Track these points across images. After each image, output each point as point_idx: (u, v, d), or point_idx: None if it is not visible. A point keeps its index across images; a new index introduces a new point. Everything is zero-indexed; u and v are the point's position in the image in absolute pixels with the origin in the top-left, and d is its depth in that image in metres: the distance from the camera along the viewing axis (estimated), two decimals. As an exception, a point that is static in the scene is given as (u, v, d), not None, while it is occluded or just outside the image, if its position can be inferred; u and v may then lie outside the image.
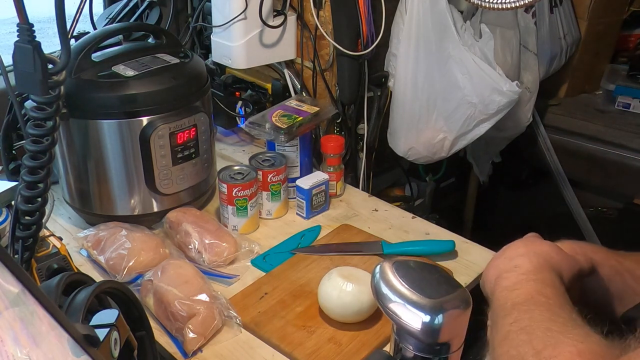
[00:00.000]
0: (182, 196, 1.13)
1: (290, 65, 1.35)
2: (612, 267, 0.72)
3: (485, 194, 1.96)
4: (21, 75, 0.77)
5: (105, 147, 1.04)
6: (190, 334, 0.85)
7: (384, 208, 1.24)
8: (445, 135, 1.31)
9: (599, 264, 0.72)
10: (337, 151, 1.23)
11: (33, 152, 0.77)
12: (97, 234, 1.04)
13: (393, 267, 0.49)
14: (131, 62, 1.07)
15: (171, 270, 0.93)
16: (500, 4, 0.87)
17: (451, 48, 1.22)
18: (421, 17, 1.20)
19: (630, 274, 0.72)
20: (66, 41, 0.77)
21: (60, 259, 0.83)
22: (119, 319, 0.54)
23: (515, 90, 1.22)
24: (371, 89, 1.31)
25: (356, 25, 1.22)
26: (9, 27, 1.87)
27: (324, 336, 0.88)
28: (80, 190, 1.11)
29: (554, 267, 0.65)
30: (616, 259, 0.73)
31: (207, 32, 1.39)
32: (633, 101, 1.69)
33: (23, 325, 0.38)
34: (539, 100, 1.52)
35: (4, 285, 0.37)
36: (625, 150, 1.60)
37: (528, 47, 1.43)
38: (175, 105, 1.05)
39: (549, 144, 1.72)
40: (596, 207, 1.76)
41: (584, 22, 1.66)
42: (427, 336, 0.46)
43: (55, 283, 0.56)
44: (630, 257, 0.75)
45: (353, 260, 1.04)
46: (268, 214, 1.19)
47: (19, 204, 0.77)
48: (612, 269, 0.72)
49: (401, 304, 0.46)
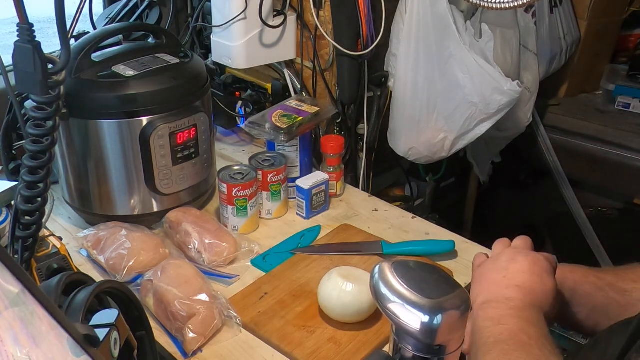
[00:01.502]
0: (182, 196, 1.13)
1: (290, 65, 1.35)
2: (592, 283, 0.75)
3: (485, 194, 1.97)
4: (21, 75, 0.77)
5: (105, 147, 1.04)
6: (190, 334, 0.85)
7: (384, 208, 1.24)
8: (446, 135, 1.31)
9: (578, 282, 0.75)
10: (337, 151, 1.23)
11: (33, 152, 0.77)
12: (97, 234, 1.04)
13: (392, 268, 0.49)
14: (131, 62, 1.07)
15: (171, 270, 0.93)
16: (500, 4, 0.87)
17: (452, 48, 1.22)
18: (421, 17, 1.20)
19: (611, 288, 0.74)
20: (66, 41, 0.78)
21: (60, 259, 0.83)
22: (119, 319, 0.54)
23: (516, 89, 1.22)
24: (371, 89, 1.31)
25: (356, 25, 1.22)
26: (9, 27, 1.88)
27: (324, 336, 0.88)
28: (80, 190, 1.11)
29: (541, 306, 0.67)
30: (595, 275, 0.76)
31: (207, 32, 1.39)
32: (633, 101, 1.69)
33: (23, 325, 0.38)
34: (539, 100, 1.52)
35: (4, 285, 0.37)
36: (625, 150, 1.60)
37: (528, 47, 1.43)
38: (175, 105, 1.05)
39: (549, 144, 1.72)
40: (596, 207, 1.76)
41: (584, 22, 1.66)
42: (426, 336, 0.46)
43: (55, 283, 0.56)
44: (610, 271, 0.78)
45: (353, 260, 1.04)
46: (268, 214, 1.19)
47: (19, 204, 0.77)
48: (593, 286, 0.75)
49: (400, 304, 0.46)
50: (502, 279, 0.70)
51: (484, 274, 0.73)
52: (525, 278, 0.69)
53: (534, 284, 0.68)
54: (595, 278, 0.75)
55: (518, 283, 0.68)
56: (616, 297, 0.73)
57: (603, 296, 0.74)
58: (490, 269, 0.73)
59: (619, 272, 0.76)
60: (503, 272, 0.71)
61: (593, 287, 0.74)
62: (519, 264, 0.71)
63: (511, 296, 0.67)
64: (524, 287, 0.68)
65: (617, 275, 0.75)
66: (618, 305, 0.71)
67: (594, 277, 0.75)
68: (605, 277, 0.75)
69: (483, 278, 0.73)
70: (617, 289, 0.73)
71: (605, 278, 0.75)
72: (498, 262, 0.73)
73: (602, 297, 0.74)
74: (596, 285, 0.74)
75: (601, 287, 0.74)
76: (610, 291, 0.73)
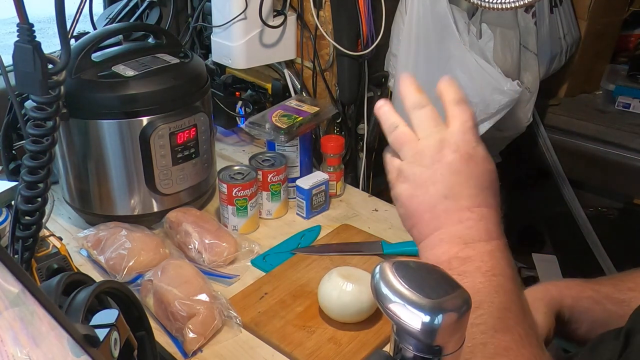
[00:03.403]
0: (182, 196, 1.13)
1: (290, 65, 1.35)
2: (590, 297, 0.74)
3: (485, 194, 1.96)
4: (21, 75, 0.77)
5: (105, 147, 1.04)
6: (190, 334, 0.85)
7: (384, 208, 1.24)
8: (446, 135, 1.31)
9: (575, 298, 0.74)
10: (337, 151, 1.23)
11: (33, 152, 0.77)
12: (97, 234, 1.04)
13: (393, 268, 0.49)
14: (131, 62, 1.07)
15: (171, 270, 0.93)
16: (500, 4, 0.87)
17: (452, 48, 1.22)
18: (421, 17, 1.20)
19: (609, 300, 0.73)
20: (66, 41, 0.77)
21: (60, 259, 0.83)
22: (119, 319, 0.54)
23: (516, 89, 1.22)
24: (371, 89, 1.31)
25: (356, 25, 1.22)
26: (9, 27, 1.88)
27: (324, 336, 0.88)
28: (80, 190, 1.11)
29: (497, 212, 0.57)
30: (592, 288, 0.75)
31: (207, 32, 1.39)
32: (633, 101, 1.68)
33: (23, 325, 0.38)
34: (539, 100, 1.52)
35: (4, 285, 0.37)
36: (625, 150, 1.60)
37: (528, 47, 1.43)
38: (175, 105, 1.05)
39: (549, 144, 1.71)
40: (596, 207, 1.75)
41: (584, 22, 1.66)
42: (426, 336, 0.46)
43: (55, 283, 0.56)
44: (606, 281, 0.77)
45: (353, 260, 1.04)
46: (268, 214, 1.19)
47: (19, 204, 0.77)
48: (590, 300, 0.74)
49: (401, 304, 0.46)
50: (444, 200, 0.55)
51: (413, 195, 0.58)
52: (471, 186, 0.55)
53: (484, 190, 0.55)
54: (592, 291, 0.74)
55: (467, 204, 0.54)
56: (614, 308, 0.72)
57: (601, 309, 0.73)
58: (420, 186, 0.58)
59: (616, 281, 0.76)
60: (440, 190, 0.55)
61: (591, 302, 0.74)
62: (454, 165, 0.56)
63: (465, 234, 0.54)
64: (475, 204, 0.54)
65: (614, 286, 0.75)
66: (617, 316, 0.70)
67: (591, 291, 0.75)
68: (601, 289, 0.75)
69: (415, 203, 0.58)
70: (614, 300, 0.73)
71: (602, 290, 0.74)
72: (424, 169, 0.58)
73: (601, 311, 0.73)
74: (593, 299, 0.74)
75: (598, 301, 0.73)
76: (608, 303, 0.73)
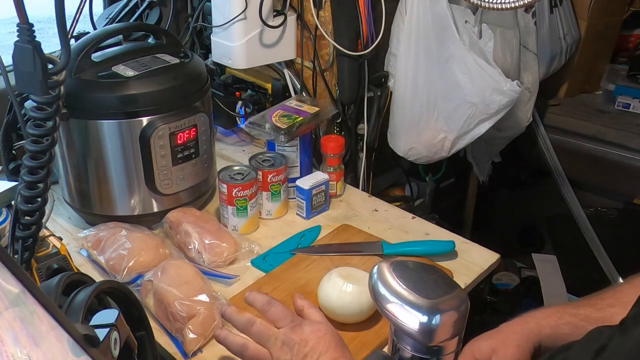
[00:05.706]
0: (182, 196, 1.13)
1: (290, 65, 1.36)
2: (568, 323, 0.74)
3: (485, 194, 1.96)
4: (21, 75, 0.77)
5: (105, 147, 1.04)
6: (190, 335, 0.85)
7: (383, 208, 1.24)
8: (446, 135, 1.31)
9: (554, 327, 0.74)
10: (337, 151, 1.23)
11: (33, 152, 0.77)
12: (97, 234, 1.04)
13: (390, 268, 0.49)
14: (131, 62, 1.07)
15: (171, 270, 0.93)
16: (500, 4, 0.87)
17: (452, 48, 1.22)
18: (421, 17, 1.20)
19: (588, 321, 0.73)
20: (66, 41, 0.77)
21: (60, 259, 0.83)
22: (119, 319, 0.54)
23: (515, 89, 1.22)
24: (371, 89, 1.31)
25: (356, 25, 1.23)
26: (9, 27, 1.87)
27: (323, 336, 0.88)
28: (80, 190, 1.11)
29: None
30: (570, 312, 0.75)
31: (207, 32, 1.39)
32: (633, 101, 1.69)
33: (23, 325, 0.38)
34: (538, 100, 1.52)
35: (4, 285, 0.37)
36: (625, 150, 1.60)
37: (528, 47, 1.43)
38: (175, 106, 1.05)
39: (549, 144, 1.72)
40: (596, 207, 1.75)
41: (584, 22, 1.66)
42: (424, 337, 0.46)
43: (55, 283, 0.56)
44: (584, 302, 0.76)
45: (353, 260, 1.04)
46: (268, 214, 1.19)
47: (19, 204, 0.77)
48: (569, 325, 0.74)
49: (398, 305, 0.46)
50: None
51: None
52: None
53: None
54: (569, 316, 0.74)
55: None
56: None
57: (582, 333, 0.72)
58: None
59: (595, 300, 0.75)
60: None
61: (570, 327, 0.73)
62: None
63: None
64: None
65: (592, 305, 0.74)
66: None
67: (569, 316, 0.74)
68: (579, 311, 0.74)
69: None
70: (594, 320, 0.72)
71: (580, 313, 0.74)
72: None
73: (582, 334, 0.73)
74: (572, 324, 0.73)
75: (577, 325, 0.73)
76: (588, 325, 0.71)
